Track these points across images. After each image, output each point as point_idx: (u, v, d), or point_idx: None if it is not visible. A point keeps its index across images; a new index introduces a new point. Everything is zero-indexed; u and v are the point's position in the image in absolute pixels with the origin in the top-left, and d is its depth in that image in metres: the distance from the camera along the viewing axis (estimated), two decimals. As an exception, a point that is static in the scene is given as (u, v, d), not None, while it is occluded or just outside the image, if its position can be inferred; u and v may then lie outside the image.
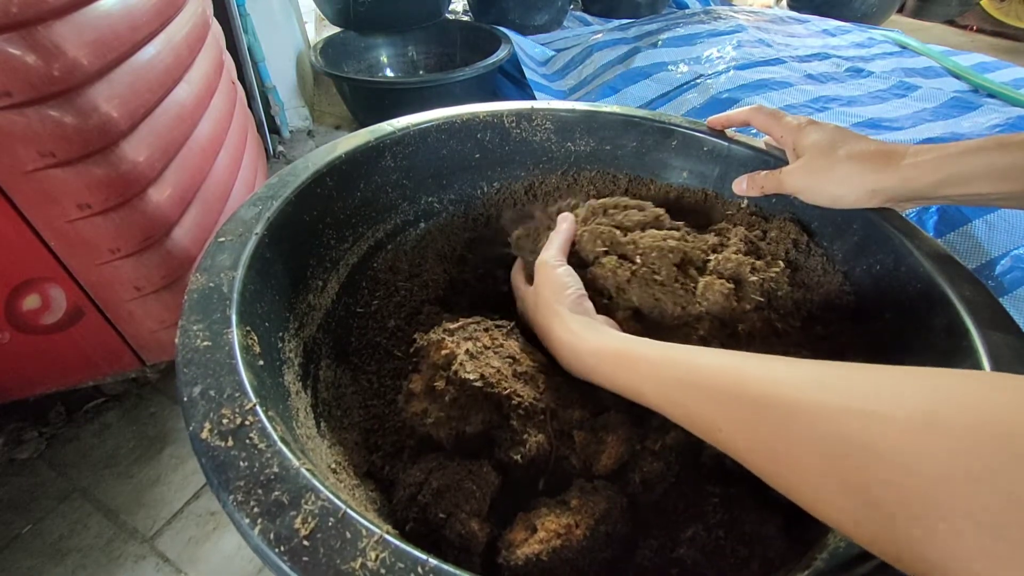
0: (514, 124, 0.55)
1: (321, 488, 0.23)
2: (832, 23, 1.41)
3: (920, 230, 0.42)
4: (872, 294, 0.43)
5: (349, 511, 0.22)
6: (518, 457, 0.35)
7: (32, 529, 0.63)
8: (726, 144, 0.51)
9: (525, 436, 0.35)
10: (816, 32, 1.36)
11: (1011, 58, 1.31)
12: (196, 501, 0.67)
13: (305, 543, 0.21)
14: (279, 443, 0.24)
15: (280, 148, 1.29)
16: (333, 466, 0.33)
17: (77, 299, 0.59)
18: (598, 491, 0.34)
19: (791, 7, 1.97)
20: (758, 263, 0.43)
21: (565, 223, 0.45)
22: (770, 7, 2.00)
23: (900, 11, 2.26)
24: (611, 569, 0.33)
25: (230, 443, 0.24)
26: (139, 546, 0.63)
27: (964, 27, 2.24)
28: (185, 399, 0.26)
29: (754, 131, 0.50)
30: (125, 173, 0.53)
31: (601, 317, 0.39)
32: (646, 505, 0.37)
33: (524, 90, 1.33)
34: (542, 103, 0.56)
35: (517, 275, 0.48)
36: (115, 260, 0.57)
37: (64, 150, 0.49)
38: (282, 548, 0.21)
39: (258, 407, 0.26)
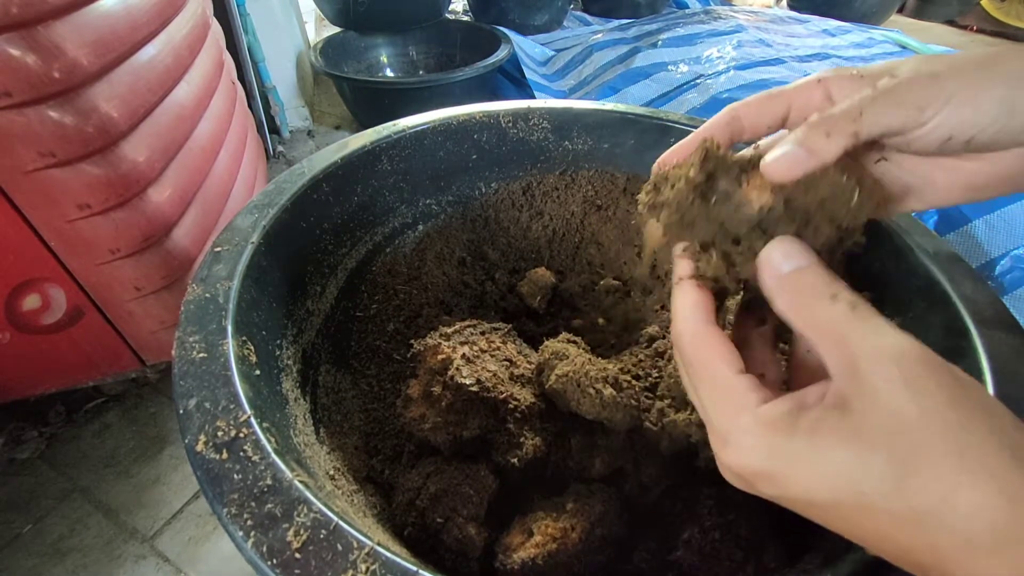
0: (511, 124, 0.55)
1: (313, 500, 0.23)
2: (832, 23, 1.41)
3: (922, 225, 0.41)
4: (870, 292, 0.43)
5: (341, 523, 0.22)
6: (515, 460, 0.35)
7: (32, 529, 0.64)
8: (726, 141, 0.51)
9: (522, 439, 0.35)
10: (816, 32, 1.36)
11: (1012, 58, 1.31)
12: (196, 501, 0.67)
13: (297, 555, 0.22)
14: (273, 455, 0.25)
15: (280, 148, 1.29)
16: (332, 472, 0.33)
17: (77, 299, 0.59)
18: (594, 494, 0.34)
19: (791, 7, 1.97)
20: None
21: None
22: (770, 7, 2.00)
23: (900, 11, 2.25)
24: (608, 572, 0.33)
25: (224, 456, 0.24)
26: (139, 546, 0.63)
27: (964, 27, 2.24)
28: (181, 411, 0.26)
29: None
30: (125, 173, 0.54)
31: None
32: (643, 507, 0.37)
33: (524, 90, 1.33)
34: (539, 102, 0.56)
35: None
36: (115, 260, 0.57)
37: (64, 150, 0.49)
38: (274, 560, 0.21)
39: (252, 419, 0.26)
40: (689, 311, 0.23)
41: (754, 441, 0.19)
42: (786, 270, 0.21)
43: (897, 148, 0.24)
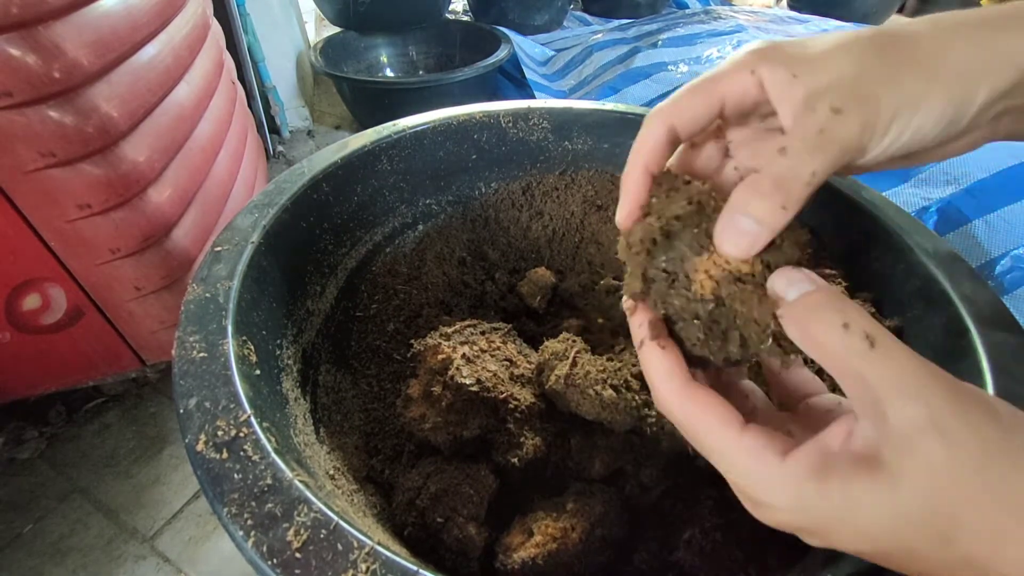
0: (511, 124, 0.55)
1: (314, 500, 0.23)
2: (832, 23, 1.41)
3: (922, 225, 0.41)
4: (870, 292, 0.43)
5: (341, 522, 0.22)
6: (515, 460, 0.35)
7: (33, 529, 0.64)
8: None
9: (522, 439, 0.35)
10: (816, 32, 1.35)
11: (1012, 58, 1.31)
12: (196, 501, 0.67)
13: (297, 555, 0.22)
14: (273, 455, 0.25)
15: (280, 148, 1.29)
16: (332, 472, 0.33)
17: (77, 299, 0.59)
18: (595, 494, 0.34)
19: (791, 7, 1.97)
20: None
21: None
22: (770, 7, 2.00)
23: (900, 11, 2.25)
24: (608, 572, 0.33)
25: (225, 455, 0.24)
26: (139, 546, 0.63)
27: (965, 27, 2.23)
28: (181, 411, 0.26)
29: None
30: (125, 173, 0.54)
31: None
32: (643, 508, 0.37)
33: (524, 90, 1.33)
34: (539, 102, 0.56)
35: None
36: (115, 260, 0.57)
37: (64, 150, 0.49)
38: (275, 560, 0.21)
39: (253, 418, 0.26)
40: (665, 377, 0.21)
41: (786, 502, 0.18)
42: (792, 297, 0.19)
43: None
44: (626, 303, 0.24)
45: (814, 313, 0.18)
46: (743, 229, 0.20)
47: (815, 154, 0.19)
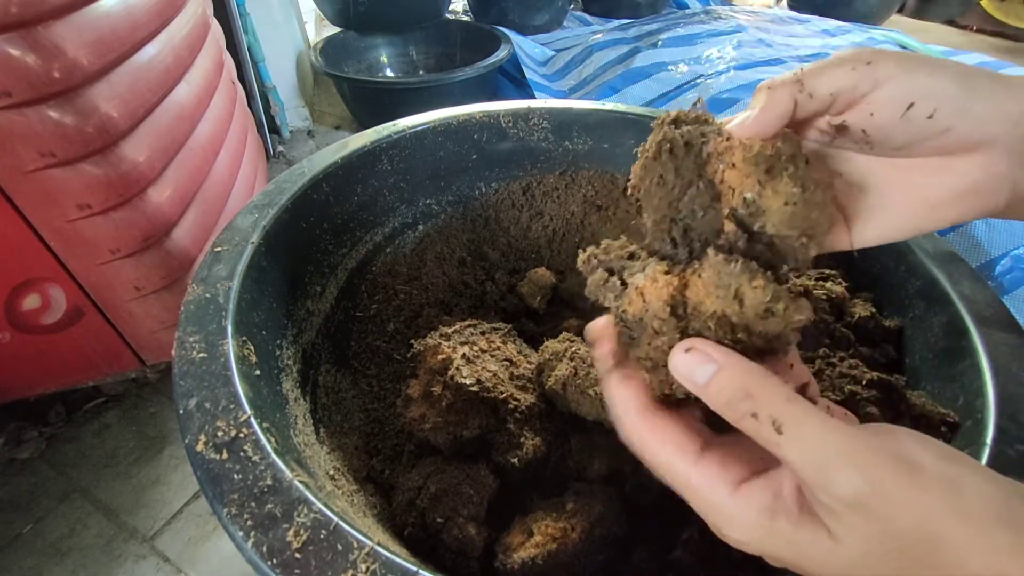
0: (511, 124, 0.55)
1: (314, 500, 0.23)
2: (832, 23, 1.41)
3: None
4: (870, 293, 0.43)
5: (341, 523, 0.23)
6: (515, 460, 0.35)
7: (33, 529, 0.64)
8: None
9: (522, 439, 0.35)
10: (816, 32, 1.35)
11: (1011, 58, 1.31)
12: (196, 501, 0.67)
13: (297, 555, 0.22)
14: (273, 455, 0.25)
15: (280, 148, 1.29)
16: (332, 472, 0.33)
17: (77, 299, 0.59)
18: (594, 494, 0.34)
19: (791, 7, 1.97)
20: None
21: None
22: (770, 7, 2.00)
23: (900, 11, 2.25)
24: (607, 571, 0.33)
25: (224, 456, 0.24)
26: (139, 546, 0.63)
27: (964, 27, 2.24)
28: (181, 411, 0.26)
29: None
30: (125, 173, 0.54)
31: None
32: (642, 507, 0.37)
33: (524, 90, 1.33)
34: (539, 102, 0.56)
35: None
36: (115, 260, 0.57)
37: (64, 150, 0.49)
38: (275, 560, 0.21)
39: (252, 419, 0.26)
40: (623, 408, 0.22)
41: (739, 534, 0.19)
42: (700, 382, 0.19)
43: (862, 137, 0.22)
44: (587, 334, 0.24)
45: (728, 407, 0.18)
46: (745, 114, 0.22)
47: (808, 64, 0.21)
